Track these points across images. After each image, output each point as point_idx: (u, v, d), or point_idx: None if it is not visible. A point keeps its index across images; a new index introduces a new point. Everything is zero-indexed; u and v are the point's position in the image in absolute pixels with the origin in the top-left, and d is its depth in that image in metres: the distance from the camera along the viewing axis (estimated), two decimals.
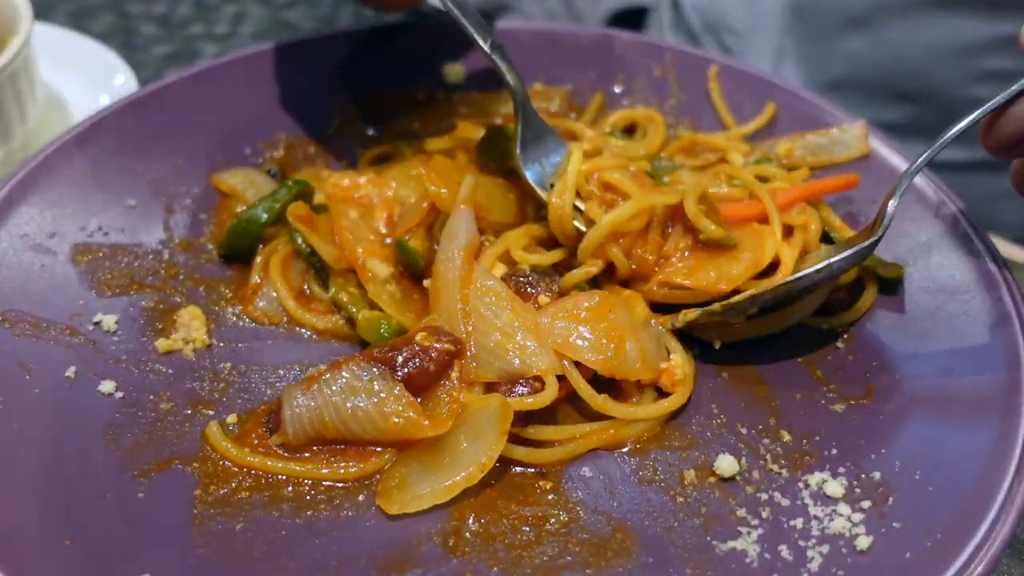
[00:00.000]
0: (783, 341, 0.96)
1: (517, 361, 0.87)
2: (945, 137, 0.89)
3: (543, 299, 0.93)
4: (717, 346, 0.94)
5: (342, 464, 0.84)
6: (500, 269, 0.97)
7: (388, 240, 1.01)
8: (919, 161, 0.91)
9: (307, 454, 0.85)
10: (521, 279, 0.95)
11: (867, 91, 1.52)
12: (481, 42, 1.03)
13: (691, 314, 0.92)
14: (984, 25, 1.40)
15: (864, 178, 1.08)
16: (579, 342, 0.88)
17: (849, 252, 0.89)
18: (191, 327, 0.96)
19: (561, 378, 0.87)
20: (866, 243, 0.89)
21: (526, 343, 0.87)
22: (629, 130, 1.21)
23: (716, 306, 0.92)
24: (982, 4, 1.40)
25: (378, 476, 0.84)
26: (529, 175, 1.01)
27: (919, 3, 1.44)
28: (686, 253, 0.96)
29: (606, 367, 0.88)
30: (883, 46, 1.49)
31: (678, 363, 0.91)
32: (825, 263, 0.89)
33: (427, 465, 0.83)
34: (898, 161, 1.08)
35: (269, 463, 0.84)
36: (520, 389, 0.86)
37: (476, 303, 0.89)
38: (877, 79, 1.48)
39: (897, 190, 0.90)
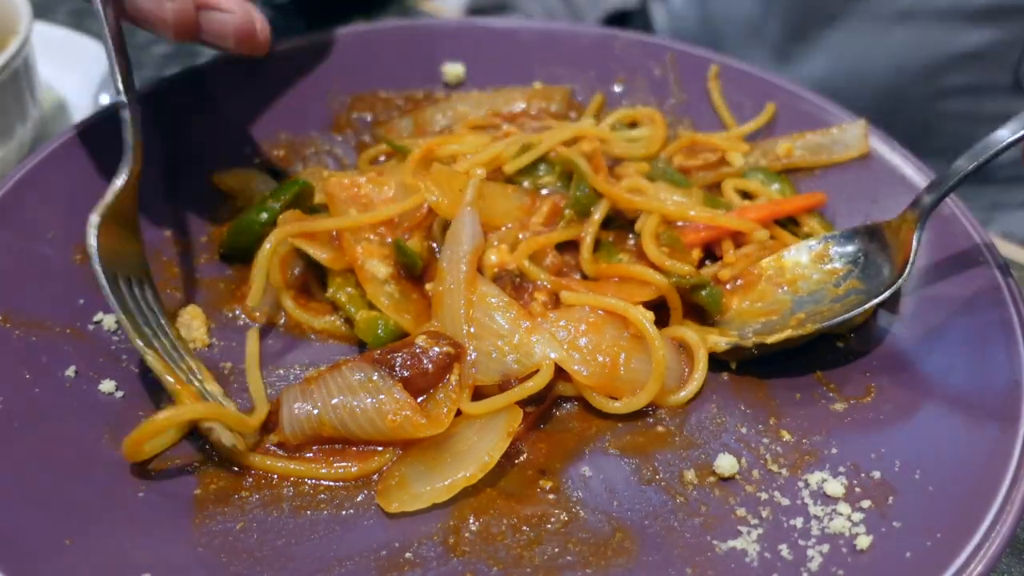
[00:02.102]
0: None
1: (515, 364, 0.87)
2: (967, 170, 0.90)
3: (539, 296, 0.93)
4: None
5: (342, 464, 0.84)
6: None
7: (388, 240, 1.01)
8: (941, 192, 0.92)
9: (308, 454, 0.85)
10: (516, 277, 0.95)
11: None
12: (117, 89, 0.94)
13: (719, 346, 0.93)
14: (944, 41, 1.42)
15: (863, 176, 1.08)
16: (574, 353, 0.89)
17: (882, 296, 0.91)
18: (191, 327, 0.95)
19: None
20: (896, 284, 0.91)
21: (522, 342, 0.87)
22: (631, 127, 1.21)
23: (749, 342, 0.92)
24: (942, 19, 1.42)
25: (377, 477, 0.84)
26: None
27: (877, 18, 1.45)
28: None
29: (595, 381, 0.88)
30: (845, 64, 1.51)
31: (691, 388, 0.92)
32: (862, 308, 0.90)
33: (428, 464, 0.83)
34: (898, 161, 1.08)
35: (268, 462, 0.84)
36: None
37: (478, 309, 0.90)
38: (844, 97, 1.52)
39: (918, 225, 0.92)
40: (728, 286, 0.99)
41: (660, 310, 0.97)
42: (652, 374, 0.89)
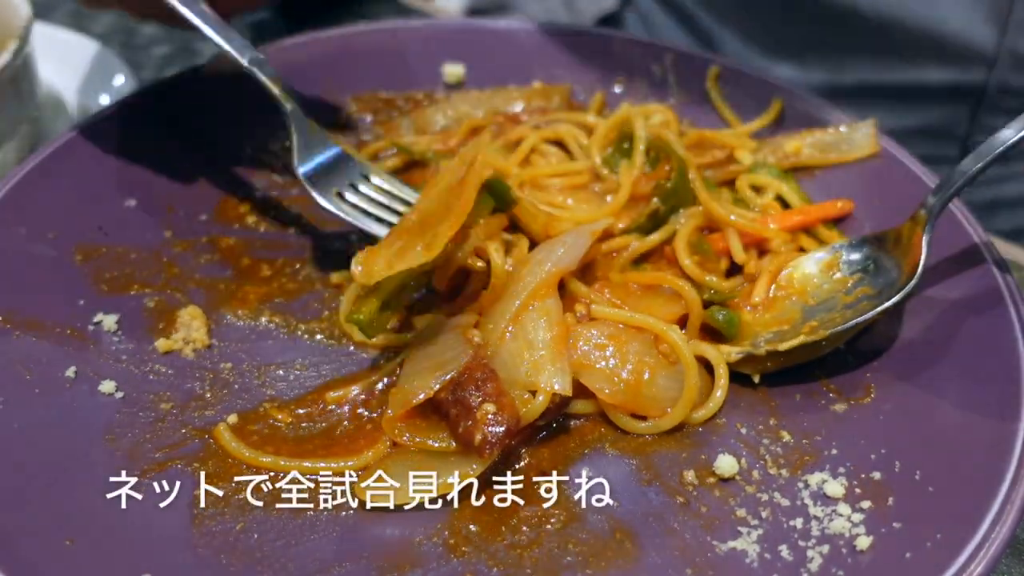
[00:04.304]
0: None
1: (525, 375, 0.86)
2: (972, 171, 0.89)
3: (580, 308, 0.93)
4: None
5: (336, 458, 0.84)
6: None
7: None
8: (948, 194, 0.91)
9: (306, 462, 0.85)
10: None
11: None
12: (239, 57, 1.00)
13: (731, 356, 0.92)
14: (896, 117, 1.42)
15: (863, 177, 1.08)
16: (597, 368, 0.88)
17: (895, 299, 0.89)
18: (191, 327, 0.95)
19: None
20: (908, 287, 0.90)
21: (539, 361, 0.86)
22: None
23: (761, 351, 0.91)
24: (896, 97, 1.45)
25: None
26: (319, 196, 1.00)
27: (833, 91, 1.45)
28: None
29: (616, 399, 0.88)
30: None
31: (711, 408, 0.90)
32: (875, 312, 0.89)
33: (414, 464, 0.83)
34: (898, 162, 1.08)
35: (261, 459, 0.84)
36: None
37: (530, 315, 0.89)
38: None
39: (926, 228, 0.91)
40: (750, 308, 0.97)
41: None
42: (682, 398, 0.88)
